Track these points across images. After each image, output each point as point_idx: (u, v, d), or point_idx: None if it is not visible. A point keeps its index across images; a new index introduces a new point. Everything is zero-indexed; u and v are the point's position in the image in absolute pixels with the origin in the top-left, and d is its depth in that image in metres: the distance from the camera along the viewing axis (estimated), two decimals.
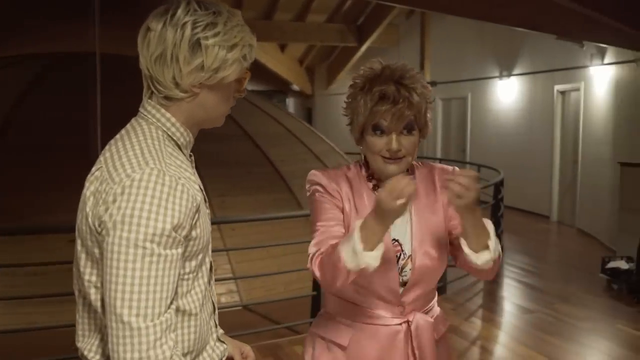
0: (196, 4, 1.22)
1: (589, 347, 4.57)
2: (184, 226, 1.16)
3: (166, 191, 1.14)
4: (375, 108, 1.54)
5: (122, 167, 1.17)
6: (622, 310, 5.27)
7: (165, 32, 1.20)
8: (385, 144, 1.56)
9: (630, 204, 6.36)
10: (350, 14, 11.68)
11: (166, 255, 1.13)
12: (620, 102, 7.29)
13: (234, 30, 1.23)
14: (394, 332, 1.64)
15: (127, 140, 1.24)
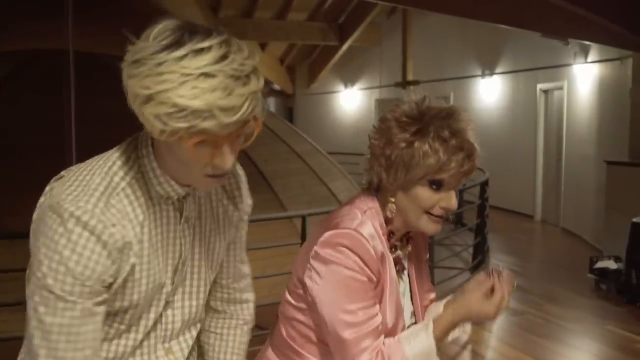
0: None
1: (579, 349, 4.50)
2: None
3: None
4: (452, 163, 1.27)
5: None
6: (611, 311, 5.21)
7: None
8: (440, 201, 1.32)
9: (617, 203, 6.31)
10: (331, 13, 11.57)
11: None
12: (604, 101, 7.26)
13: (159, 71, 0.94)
14: None
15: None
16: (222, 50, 0.95)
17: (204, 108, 0.93)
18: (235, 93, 0.95)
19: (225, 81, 0.94)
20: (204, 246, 1.24)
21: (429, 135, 1.28)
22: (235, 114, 0.96)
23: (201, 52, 0.94)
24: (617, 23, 5.56)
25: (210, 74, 0.93)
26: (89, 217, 1.01)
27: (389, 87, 12.21)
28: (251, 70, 0.98)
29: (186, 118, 0.94)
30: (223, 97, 0.94)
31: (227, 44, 0.96)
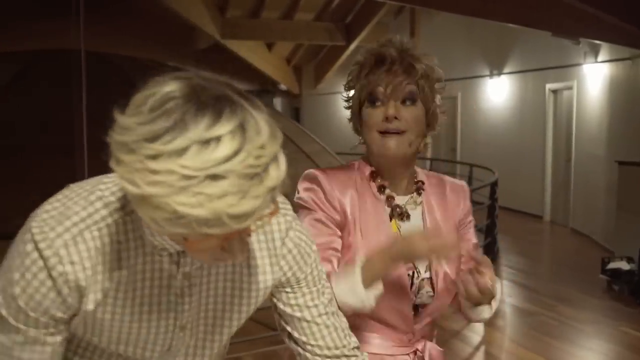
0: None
1: (593, 351, 4.47)
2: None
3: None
4: (371, 75, 1.36)
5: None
6: (624, 312, 5.17)
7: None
8: (382, 114, 1.35)
9: (629, 203, 6.27)
10: (338, 13, 11.55)
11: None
12: (615, 100, 7.22)
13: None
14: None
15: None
16: (236, 140, 0.74)
17: (211, 217, 0.74)
18: (249, 195, 0.75)
19: (237, 183, 0.73)
20: (213, 310, 1.05)
21: (363, 63, 1.39)
22: (249, 219, 0.76)
23: (208, 145, 0.73)
24: (628, 22, 5.54)
25: (219, 175, 0.73)
26: (46, 246, 0.88)
27: None
28: (271, 159, 0.77)
29: (188, 225, 0.75)
30: (234, 202, 0.74)
31: (242, 128, 0.75)
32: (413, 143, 1.37)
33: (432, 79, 1.39)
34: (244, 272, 1.04)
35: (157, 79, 0.81)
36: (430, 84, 1.39)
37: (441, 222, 1.47)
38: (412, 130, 1.36)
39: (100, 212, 0.91)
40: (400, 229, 1.43)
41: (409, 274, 1.41)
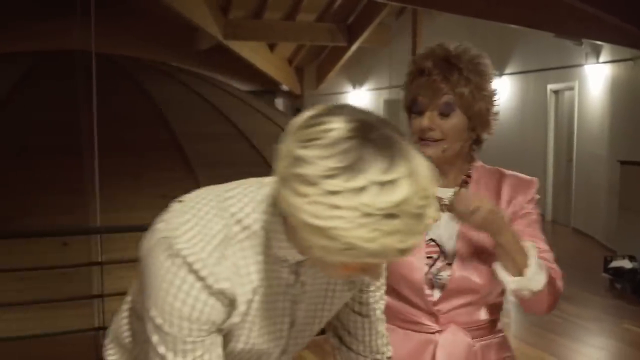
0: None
1: (596, 347, 4.53)
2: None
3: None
4: (412, 85, 1.44)
5: None
6: (627, 310, 5.24)
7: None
8: (420, 123, 1.42)
9: (631, 202, 6.33)
10: (340, 14, 11.60)
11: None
12: (617, 101, 7.29)
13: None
14: (425, 340, 1.48)
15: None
16: (409, 183, 0.81)
17: (380, 250, 0.81)
18: (413, 232, 0.83)
19: (407, 222, 0.81)
20: (313, 311, 1.14)
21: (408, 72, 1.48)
22: (409, 253, 0.85)
23: (384, 187, 0.79)
24: (630, 22, 5.59)
25: (394, 215, 0.79)
26: (201, 267, 0.93)
27: (398, 88, 12.24)
28: (431, 199, 0.84)
29: (356, 256, 0.82)
30: (403, 239, 0.82)
31: (413, 172, 0.82)
32: (448, 149, 1.43)
33: (476, 83, 1.42)
34: (337, 281, 1.12)
35: (319, 109, 0.87)
36: (472, 88, 1.41)
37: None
38: (449, 139, 1.42)
39: (233, 229, 0.96)
40: (441, 218, 1.44)
41: (432, 256, 1.46)
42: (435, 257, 1.47)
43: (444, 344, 1.46)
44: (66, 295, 4.68)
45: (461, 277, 1.44)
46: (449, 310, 1.46)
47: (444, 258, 1.47)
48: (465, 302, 1.46)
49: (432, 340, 1.47)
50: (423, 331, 1.48)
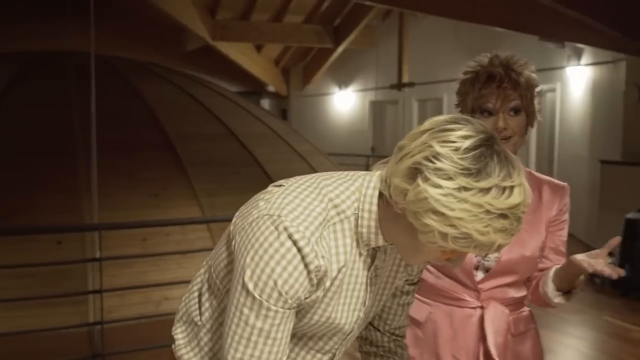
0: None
1: (578, 338, 4.69)
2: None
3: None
4: (483, 90, 1.62)
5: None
6: (607, 303, 5.43)
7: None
8: (492, 124, 1.61)
9: (611, 200, 6.54)
10: (327, 15, 11.71)
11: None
12: (597, 102, 7.49)
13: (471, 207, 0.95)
14: (467, 315, 1.69)
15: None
16: (522, 193, 0.98)
17: (487, 243, 0.97)
18: (511, 232, 0.99)
19: (512, 223, 0.97)
20: (376, 296, 1.27)
21: (474, 75, 1.66)
22: (502, 248, 1.01)
23: (504, 191, 0.96)
24: (612, 26, 5.77)
25: (506, 215, 0.96)
26: (305, 244, 1.04)
27: (384, 90, 12.40)
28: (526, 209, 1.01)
29: (465, 245, 0.98)
30: (505, 237, 0.98)
31: (523, 183, 0.98)
32: (516, 144, 1.65)
33: (533, 87, 1.66)
34: (400, 269, 1.28)
35: (451, 117, 1.03)
36: (531, 92, 1.65)
37: (530, 219, 1.64)
38: (517, 135, 1.64)
39: (330, 213, 1.09)
40: None
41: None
42: (477, 262, 1.67)
43: (489, 317, 1.67)
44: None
45: (507, 261, 1.66)
46: (490, 288, 1.68)
47: (484, 261, 1.68)
48: (505, 282, 1.69)
49: (473, 315, 1.69)
50: (466, 306, 1.69)
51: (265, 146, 7.23)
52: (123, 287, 4.17)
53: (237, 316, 1.09)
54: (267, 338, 1.09)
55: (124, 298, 5.08)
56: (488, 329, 1.67)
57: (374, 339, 1.44)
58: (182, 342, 1.32)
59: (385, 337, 1.43)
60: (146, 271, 5.20)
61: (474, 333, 1.69)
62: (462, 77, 1.70)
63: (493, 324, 1.67)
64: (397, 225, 1.06)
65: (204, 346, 1.28)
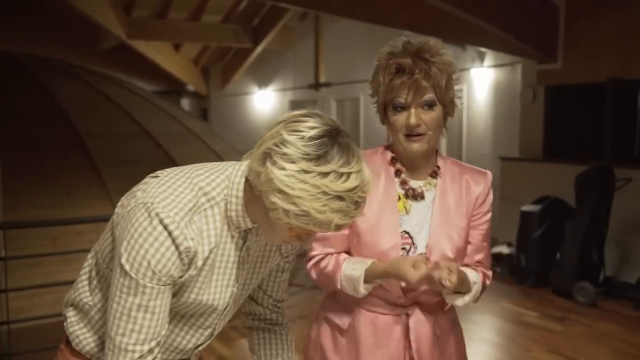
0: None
1: (478, 323, 5.01)
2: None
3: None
4: (392, 82, 1.51)
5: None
6: (505, 290, 5.81)
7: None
8: (405, 120, 1.52)
9: (509, 194, 6.98)
10: (245, 15, 11.74)
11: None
12: (499, 102, 7.94)
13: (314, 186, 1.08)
14: (391, 322, 1.64)
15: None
16: (358, 179, 1.10)
17: (324, 221, 1.10)
18: (349, 215, 1.12)
19: (349, 206, 1.10)
20: (250, 274, 1.39)
21: (384, 66, 1.56)
22: (343, 229, 1.15)
23: (342, 176, 1.09)
24: (508, 32, 6.18)
25: (342, 197, 1.09)
26: (174, 228, 1.16)
27: (302, 89, 12.59)
28: (366, 195, 1.14)
29: (306, 222, 1.10)
30: (342, 218, 1.11)
31: (362, 171, 1.12)
32: (432, 140, 1.55)
33: (449, 76, 1.53)
34: (273, 249, 1.41)
35: (304, 111, 1.18)
36: (447, 81, 1.52)
37: (453, 207, 1.61)
38: (432, 130, 1.53)
39: (200, 200, 1.22)
40: (412, 209, 1.61)
41: (405, 247, 1.59)
42: (408, 248, 1.60)
43: (414, 324, 1.63)
44: None
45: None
46: (417, 294, 1.62)
47: (415, 249, 1.61)
48: (426, 289, 1.61)
49: (398, 321, 1.63)
50: (390, 313, 1.64)
51: (181, 145, 7.25)
52: (30, 287, 4.13)
53: (118, 295, 1.20)
54: (146, 312, 1.20)
55: (34, 299, 5.00)
56: (412, 336, 1.62)
57: (256, 312, 1.58)
58: (74, 320, 1.43)
59: (267, 310, 1.57)
60: (58, 271, 5.14)
61: (397, 341, 1.63)
62: (373, 72, 1.59)
63: (418, 331, 1.63)
64: (258, 206, 1.20)
65: (95, 323, 1.40)
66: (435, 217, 1.59)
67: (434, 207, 1.59)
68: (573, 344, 4.42)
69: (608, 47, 6.18)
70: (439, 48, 1.53)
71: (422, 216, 1.60)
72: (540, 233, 5.76)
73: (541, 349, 4.32)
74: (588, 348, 4.34)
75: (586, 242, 5.36)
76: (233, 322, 4.44)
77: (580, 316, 5.04)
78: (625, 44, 6.05)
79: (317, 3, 6.82)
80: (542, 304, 5.34)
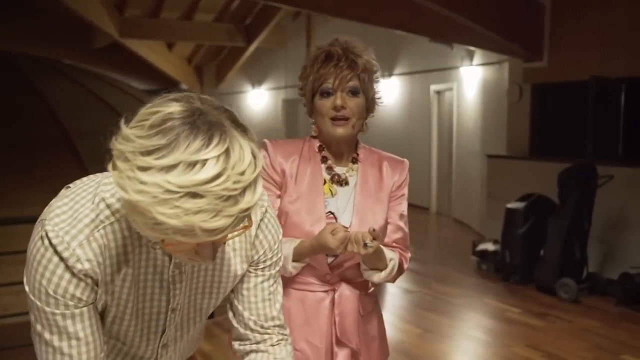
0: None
1: (462, 320, 5.06)
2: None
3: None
4: (322, 70, 1.64)
5: None
6: (489, 287, 5.86)
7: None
8: (331, 103, 1.64)
9: (496, 191, 7.03)
10: (238, 14, 11.79)
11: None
12: (487, 100, 7.99)
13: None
14: (319, 298, 1.71)
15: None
16: (219, 166, 0.83)
17: (184, 228, 0.84)
18: (222, 214, 0.84)
19: (213, 202, 0.83)
20: (195, 294, 1.19)
21: (314, 58, 1.68)
22: (220, 234, 0.87)
23: (193, 167, 0.82)
24: (495, 31, 6.23)
25: (197, 194, 0.82)
26: (64, 249, 1.00)
27: (294, 88, 12.62)
28: (248, 184, 0.86)
29: (165, 231, 0.85)
30: (208, 219, 0.83)
31: (227, 154, 0.84)
32: (355, 126, 1.68)
33: (372, 71, 1.69)
34: (223, 262, 1.18)
35: (164, 97, 0.91)
36: (370, 76, 1.68)
37: (373, 190, 1.74)
38: (356, 117, 1.66)
39: (104, 213, 1.03)
40: (338, 193, 1.72)
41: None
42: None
43: (339, 299, 1.71)
44: None
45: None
46: (342, 271, 1.72)
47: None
48: (353, 264, 1.72)
49: (325, 298, 1.71)
50: (317, 290, 1.72)
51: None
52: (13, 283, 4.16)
53: (34, 326, 1.06)
54: (69, 340, 1.05)
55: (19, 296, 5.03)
56: (337, 311, 1.70)
57: (242, 336, 1.30)
58: None
59: (256, 334, 1.28)
60: None
61: (325, 316, 1.70)
62: (305, 62, 1.71)
63: (343, 306, 1.71)
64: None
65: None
66: (357, 199, 1.71)
67: (356, 190, 1.72)
68: (553, 339, 4.47)
69: (592, 46, 6.24)
70: (364, 48, 1.68)
71: (346, 198, 1.72)
72: (524, 230, 5.81)
73: (520, 345, 4.37)
74: (567, 343, 4.39)
75: (569, 238, 5.41)
76: (216, 318, 4.46)
77: (562, 312, 5.09)
78: (608, 43, 6.11)
79: (308, 2, 6.87)
80: (525, 301, 5.39)
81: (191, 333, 1.28)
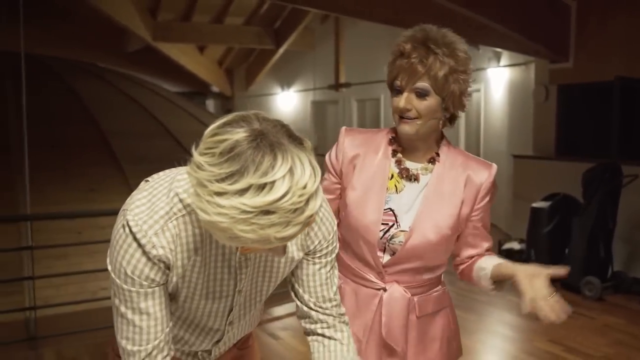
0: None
1: (487, 316, 5.13)
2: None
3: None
4: (393, 65, 1.54)
5: None
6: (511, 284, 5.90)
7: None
8: (396, 104, 1.54)
9: (522, 191, 7.06)
10: (267, 18, 11.96)
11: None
12: (513, 101, 8.02)
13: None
14: (371, 294, 1.68)
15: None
16: (285, 185, 0.94)
17: (261, 239, 0.97)
18: (292, 224, 0.97)
19: (283, 215, 0.95)
20: (256, 278, 1.33)
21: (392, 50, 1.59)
22: (291, 239, 1.00)
23: (263, 189, 0.93)
24: (518, 32, 6.28)
25: (269, 211, 0.94)
26: (142, 236, 1.14)
27: (322, 90, 12.76)
28: (310, 195, 0.98)
29: (244, 242, 0.98)
30: (280, 230, 0.96)
31: (291, 173, 0.95)
32: (422, 127, 1.56)
33: (452, 68, 1.51)
34: (291, 243, 1.32)
35: (224, 121, 1.01)
36: (447, 71, 1.50)
37: (447, 194, 1.61)
38: (423, 118, 1.54)
39: (177, 206, 1.17)
40: (404, 189, 1.64)
41: (388, 224, 1.62)
42: (391, 224, 1.62)
43: (387, 300, 1.66)
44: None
45: (412, 247, 1.61)
46: (395, 272, 1.65)
47: (397, 226, 1.62)
48: (410, 267, 1.64)
49: (377, 295, 1.67)
50: (370, 287, 1.68)
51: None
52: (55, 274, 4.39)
53: (113, 300, 1.23)
54: (141, 314, 1.20)
55: (59, 289, 5.27)
56: (384, 311, 1.65)
57: (303, 313, 1.44)
58: None
59: (313, 312, 1.42)
60: (81, 263, 5.40)
61: (372, 312, 1.67)
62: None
63: (390, 307, 1.65)
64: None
65: None
66: (425, 201, 1.60)
67: (426, 191, 1.61)
68: (574, 334, 4.51)
69: (617, 47, 6.24)
70: (451, 41, 1.54)
71: (413, 198, 1.61)
72: (549, 229, 5.84)
73: (542, 339, 4.43)
74: (588, 338, 4.43)
75: (593, 237, 5.43)
76: None
77: (585, 309, 5.12)
78: (633, 44, 6.11)
79: (333, 5, 7.00)
80: None
81: (252, 312, 1.43)
